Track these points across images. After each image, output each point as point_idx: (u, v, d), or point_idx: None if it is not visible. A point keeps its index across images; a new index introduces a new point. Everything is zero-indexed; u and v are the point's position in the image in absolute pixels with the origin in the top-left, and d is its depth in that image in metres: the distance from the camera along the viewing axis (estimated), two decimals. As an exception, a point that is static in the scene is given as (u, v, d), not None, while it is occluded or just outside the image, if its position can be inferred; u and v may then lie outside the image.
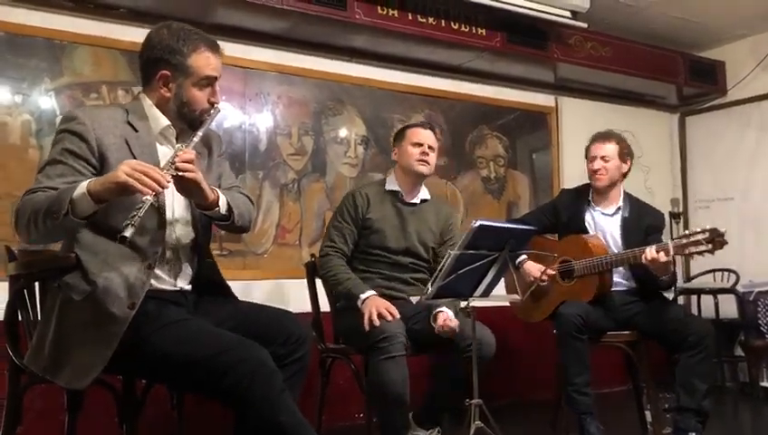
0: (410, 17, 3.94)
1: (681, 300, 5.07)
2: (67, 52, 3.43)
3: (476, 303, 2.52)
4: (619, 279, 3.16)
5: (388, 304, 2.67)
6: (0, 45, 3.27)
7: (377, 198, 2.99)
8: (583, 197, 3.30)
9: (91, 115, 1.97)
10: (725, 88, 5.30)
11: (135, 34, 3.56)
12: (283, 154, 3.99)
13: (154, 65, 2.02)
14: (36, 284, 2.32)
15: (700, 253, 2.81)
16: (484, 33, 4.20)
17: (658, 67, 4.98)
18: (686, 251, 2.82)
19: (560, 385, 3.20)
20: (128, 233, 1.74)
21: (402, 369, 2.56)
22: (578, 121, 5.07)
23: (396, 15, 3.89)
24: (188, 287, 2.12)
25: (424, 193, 3.06)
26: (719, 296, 4.75)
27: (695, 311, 4.93)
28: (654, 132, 5.51)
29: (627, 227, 3.19)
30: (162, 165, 1.88)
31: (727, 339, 4.87)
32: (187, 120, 2.05)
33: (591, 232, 3.21)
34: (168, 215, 2.01)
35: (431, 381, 2.95)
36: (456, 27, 4.10)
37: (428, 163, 2.97)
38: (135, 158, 1.91)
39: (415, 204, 3.03)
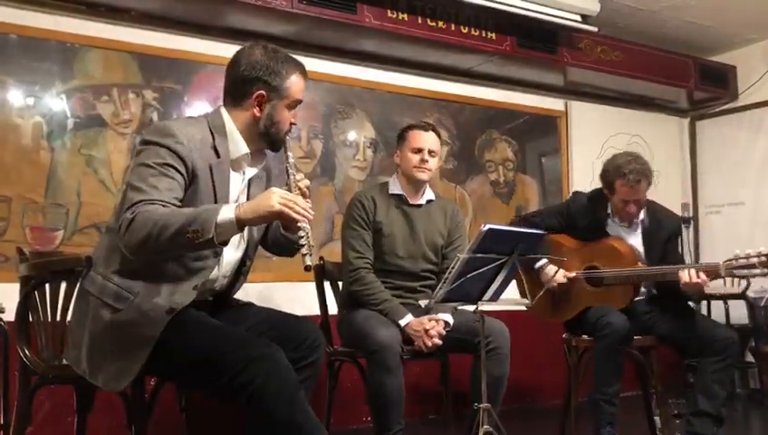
0: (420, 21, 3.94)
1: (691, 305, 5.03)
2: (79, 54, 3.45)
3: (485, 307, 2.51)
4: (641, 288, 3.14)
5: (429, 325, 2.71)
6: (12, 48, 3.30)
7: (382, 202, 2.96)
8: (601, 206, 3.16)
9: (187, 135, 1.93)
10: (737, 92, 5.28)
11: (146, 37, 3.59)
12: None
13: (250, 84, 2.01)
14: (47, 285, 2.34)
15: (753, 277, 2.73)
16: (494, 37, 4.20)
17: (669, 71, 4.96)
18: (737, 274, 2.72)
19: (569, 390, 3.18)
20: (310, 261, 1.87)
21: (397, 380, 2.58)
22: (587, 126, 5.06)
23: (406, 19, 3.89)
24: (210, 298, 2.14)
25: (429, 194, 3.04)
26: (729, 302, 4.72)
27: (705, 316, 4.90)
28: (664, 137, 5.49)
29: (648, 240, 3.12)
30: (291, 189, 1.95)
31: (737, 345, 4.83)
32: (271, 140, 2.07)
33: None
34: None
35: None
36: (465, 31, 4.10)
37: (428, 169, 2.93)
38: (215, 186, 1.95)
39: (421, 205, 3.01)
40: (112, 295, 1.89)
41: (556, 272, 3.05)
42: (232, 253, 2.09)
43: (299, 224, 1.85)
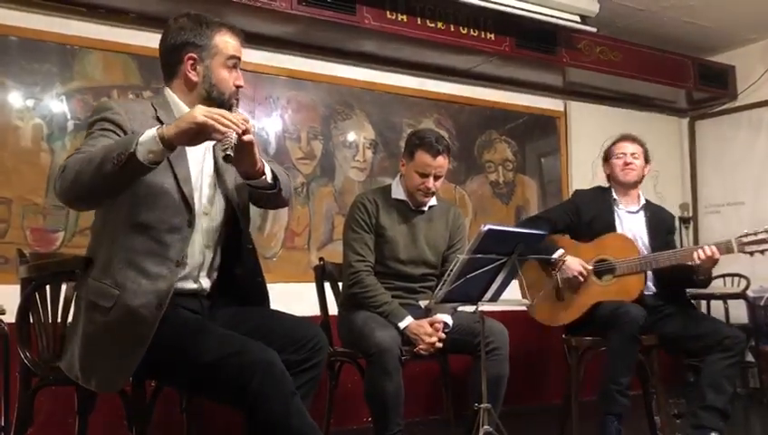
0: (419, 22, 3.95)
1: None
2: (78, 56, 3.45)
3: (485, 307, 2.52)
4: (647, 283, 3.15)
5: (429, 329, 2.72)
6: (13, 50, 3.30)
7: (385, 206, 2.95)
8: (606, 196, 3.27)
9: (125, 107, 1.95)
10: (735, 92, 5.28)
11: (145, 39, 3.59)
12: (291, 158, 4.00)
13: (179, 50, 2.00)
14: (48, 287, 2.34)
15: (763, 251, 2.92)
16: (493, 38, 4.20)
17: (668, 72, 4.96)
18: (749, 249, 2.93)
19: (569, 391, 3.18)
20: (231, 152, 1.77)
21: (396, 382, 2.59)
22: (587, 126, 5.07)
23: (405, 20, 3.90)
24: (208, 286, 2.09)
25: (431, 200, 3.03)
26: (729, 301, 4.73)
27: (704, 316, 4.90)
28: (663, 137, 5.49)
29: (652, 227, 3.21)
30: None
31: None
32: (216, 105, 1.98)
33: (620, 231, 3.18)
34: (197, 207, 1.98)
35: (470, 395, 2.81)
36: (464, 32, 4.10)
37: (431, 193, 2.94)
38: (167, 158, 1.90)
39: (423, 211, 3.00)
40: (99, 293, 1.87)
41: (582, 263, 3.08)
42: (207, 221, 2.03)
43: (226, 138, 1.77)
